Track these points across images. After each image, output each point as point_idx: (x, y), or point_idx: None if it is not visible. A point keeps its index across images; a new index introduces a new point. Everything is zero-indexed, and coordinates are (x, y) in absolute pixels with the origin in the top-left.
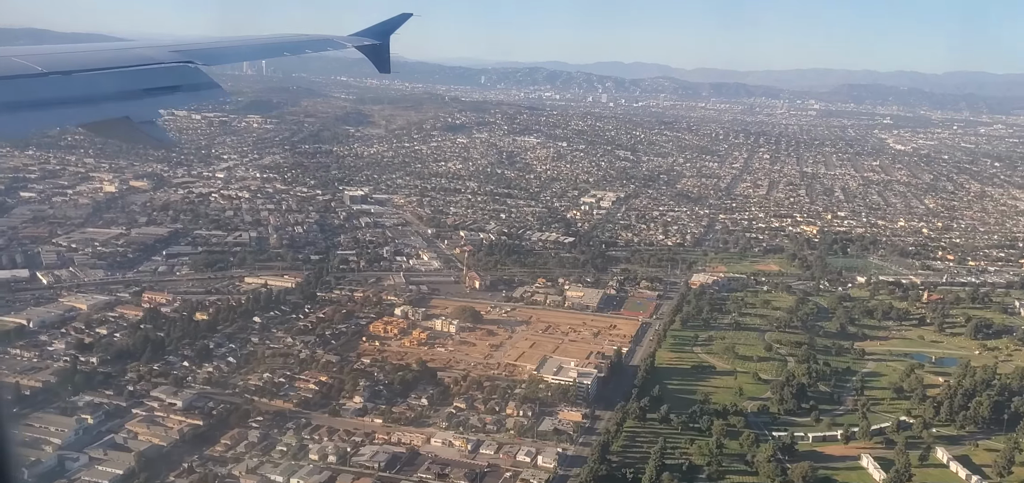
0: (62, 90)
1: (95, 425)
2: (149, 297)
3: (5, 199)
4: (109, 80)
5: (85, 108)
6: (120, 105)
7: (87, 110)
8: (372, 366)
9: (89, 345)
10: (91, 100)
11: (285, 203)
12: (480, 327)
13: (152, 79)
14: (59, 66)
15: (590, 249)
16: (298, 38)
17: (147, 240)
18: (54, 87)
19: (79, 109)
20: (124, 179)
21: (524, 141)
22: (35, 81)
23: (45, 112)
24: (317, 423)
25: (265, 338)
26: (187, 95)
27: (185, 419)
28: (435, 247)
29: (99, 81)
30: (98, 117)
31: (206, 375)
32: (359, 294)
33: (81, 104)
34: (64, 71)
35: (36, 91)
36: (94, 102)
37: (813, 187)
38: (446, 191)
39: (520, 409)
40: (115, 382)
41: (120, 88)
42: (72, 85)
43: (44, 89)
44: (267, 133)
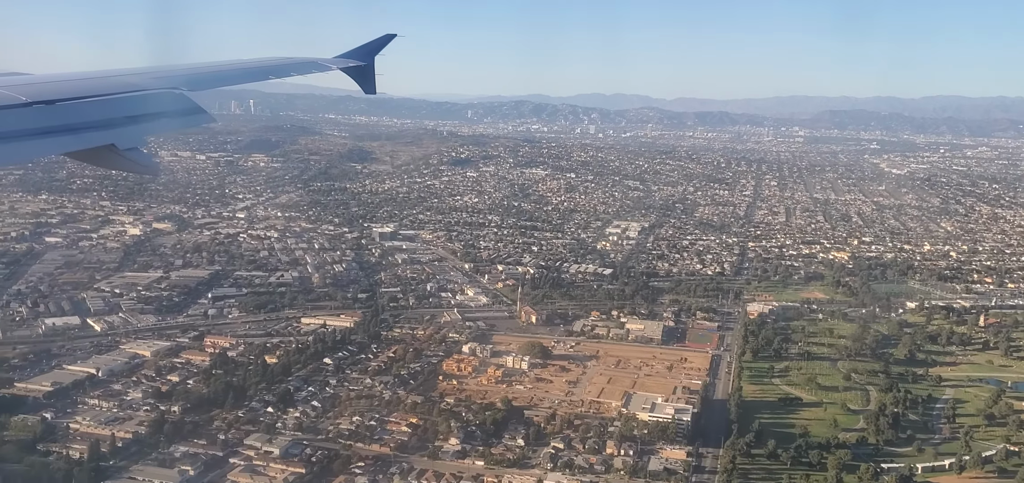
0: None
1: (196, 477)
2: (211, 341)
3: (32, 245)
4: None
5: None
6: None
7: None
8: (457, 406)
9: (167, 393)
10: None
11: (315, 242)
12: (551, 363)
13: (137, 106)
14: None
15: (632, 281)
16: (283, 61)
17: (189, 282)
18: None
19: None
20: (146, 221)
21: (532, 173)
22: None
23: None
24: (419, 467)
25: (342, 380)
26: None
27: (286, 467)
28: (476, 282)
29: (83, 109)
30: (83, 146)
31: (295, 421)
32: (420, 332)
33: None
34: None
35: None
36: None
37: (829, 213)
38: (470, 225)
39: (620, 448)
40: (204, 431)
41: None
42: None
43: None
44: (275, 172)
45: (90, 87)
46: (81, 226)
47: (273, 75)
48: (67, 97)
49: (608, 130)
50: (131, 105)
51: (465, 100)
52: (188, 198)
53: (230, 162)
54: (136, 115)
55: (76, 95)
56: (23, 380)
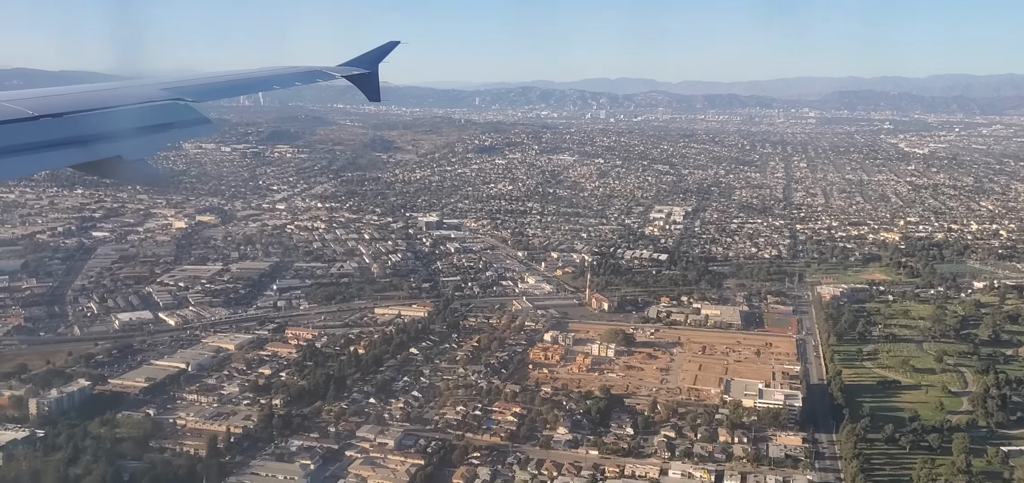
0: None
1: (317, 470)
2: (293, 333)
3: (81, 240)
4: (100, 120)
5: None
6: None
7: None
8: (556, 395)
9: (264, 387)
10: (82, 141)
11: (364, 232)
12: (636, 350)
13: (143, 117)
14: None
15: (692, 266)
16: (287, 71)
17: (250, 275)
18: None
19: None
20: (188, 214)
21: (559, 159)
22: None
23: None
24: (534, 457)
25: (434, 370)
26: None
27: (404, 459)
28: (534, 269)
29: (90, 121)
30: (90, 158)
31: (400, 411)
32: (495, 321)
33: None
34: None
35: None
36: (85, 143)
37: (866, 194)
38: (511, 213)
39: (733, 435)
40: (313, 424)
41: (111, 128)
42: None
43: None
44: (303, 163)
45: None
46: (125, 220)
47: (277, 85)
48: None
49: (619, 115)
50: (137, 117)
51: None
52: (223, 190)
53: (256, 154)
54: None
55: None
56: (115, 376)
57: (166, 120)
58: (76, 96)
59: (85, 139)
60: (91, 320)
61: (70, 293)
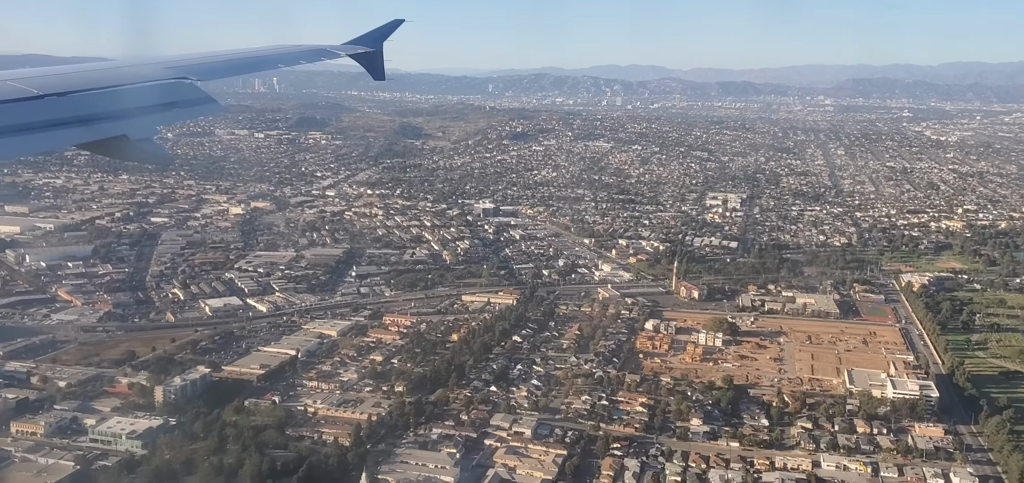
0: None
1: (462, 459)
2: (391, 320)
3: (141, 225)
4: (105, 99)
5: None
6: (117, 124)
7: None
8: (677, 385)
9: (383, 374)
10: (87, 120)
11: (423, 219)
12: (743, 340)
13: (148, 97)
14: (55, 88)
15: (767, 254)
16: (291, 50)
17: (325, 261)
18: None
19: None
20: (240, 200)
21: (596, 146)
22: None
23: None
24: (676, 449)
25: (544, 358)
26: (184, 111)
27: (546, 449)
28: (605, 257)
29: (95, 101)
30: (95, 137)
31: (525, 400)
32: (587, 309)
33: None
34: (60, 92)
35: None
36: (90, 122)
37: (913, 181)
38: (563, 200)
39: (871, 426)
40: (444, 412)
41: (116, 107)
42: (68, 106)
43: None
44: (339, 149)
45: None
46: (179, 206)
47: (282, 64)
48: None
49: (635, 102)
50: (142, 96)
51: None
52: (268, 176)
53: (290, 140)
54: (147, 105)
55: (87, 86)
56: (228, 363)
57: (171, 99)
58: (81, 75)
59: (90, 118)
60: (180, 306)
61: (149, 279)
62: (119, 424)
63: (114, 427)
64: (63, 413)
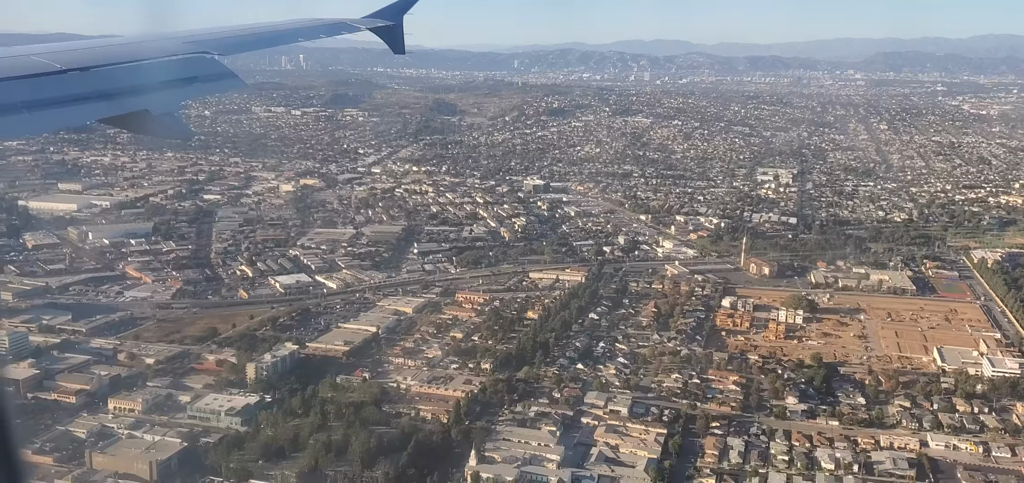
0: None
1: (563, 437)
2: (463, 297)
3: (195, 203)
4: (126, 74)
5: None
6: (139, 98)
7: (106, 105)
8: (768, 363)
9: (468, 351)
10: (109, 95)
11: (472, 195)
12: (823, 317)
13: (169, 71)
14: (77, 63)
15: (828, 230)
16: (311, 23)
17: (385, 238)
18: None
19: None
20: (289, 178)
21: (636, 122)
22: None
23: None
24: (774, 427)
25: (626, 336)
26: (205, 85)
27: (646, 427)
28: (665, 233)
29: (117, 75)
30: (117, 111)
31: (615, 378)
32: (658, 286)
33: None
34: (82, 67)
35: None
36: (113, 97)
37: (963, 156)
38: (612, 176)
39: (971, 404)
40: (535, 389)
41: (138, 82)
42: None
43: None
44: (377, 126)
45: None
46: (229, 183)
47: (302, 37)
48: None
49: (663, 77)
50: (164, 70)
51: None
52: (311, 153)
53: (327, 117)
54: (169, 80)
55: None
56: (311, 340)
57: (192, 73)
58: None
59: (112, 93)
60: (250, 283)
61: (214, 256)
62: (216, 401)
63: (212, 404)
64: (157, 390)
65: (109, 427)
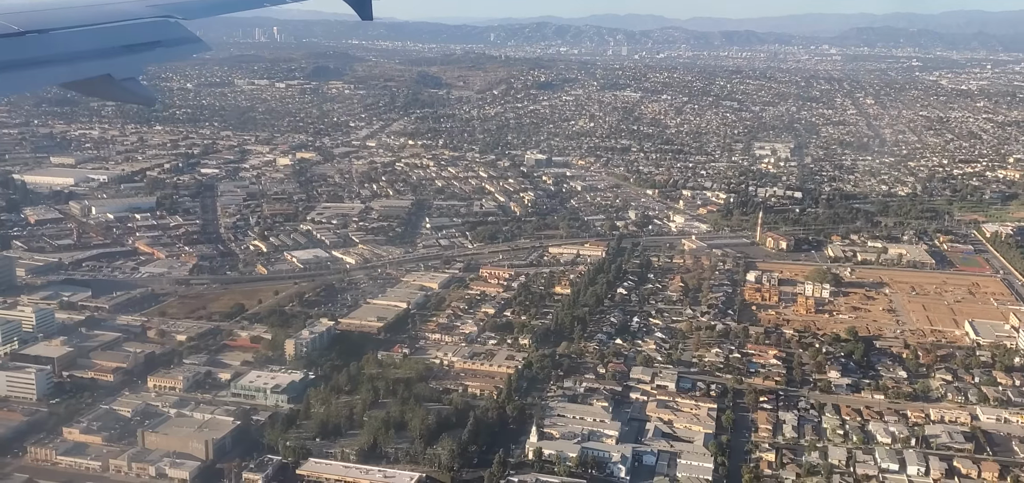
0: (40, 49)
1: (616, 412)
2: (488, 272)
3: (193, 176)
4: (88, 38)
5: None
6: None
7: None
8: (804, 337)
9: (504, 326)
10: (70, 59)
11: (474, 169)
12: (849, 291)
13: (132, 35)
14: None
15: (834, 204)
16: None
17: (394, 213)
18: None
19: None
20: (283, 151)
21: (624, 96)
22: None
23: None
24: (822, 401)
25: (659, 311)
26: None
27: (696, 402)
28: (673, 208)
29: (78, 39)
30: (78, 76)
31: (656, 353)
32: (678, 260)
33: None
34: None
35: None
36: (73, 61)
37: (953, 131)
38: (608, 150)
39: (1012, 377)
40: (578, 364)
41: (99, 45)
42: (50, 43)
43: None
44: (365, 99)
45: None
46: (224, 157)
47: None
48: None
49: (640, 51)
50: (126, 34)
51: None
52: (301, 126)
53: (313, 89)
54: (131, 44)
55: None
56: (343, 316)
57: (154, 37)
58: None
59: (73, 57)
60: (265, 259)
61: (223, 231)
62: (260, 378)
63: (256, 381)
64: (196, 367)
65: (153, 405)
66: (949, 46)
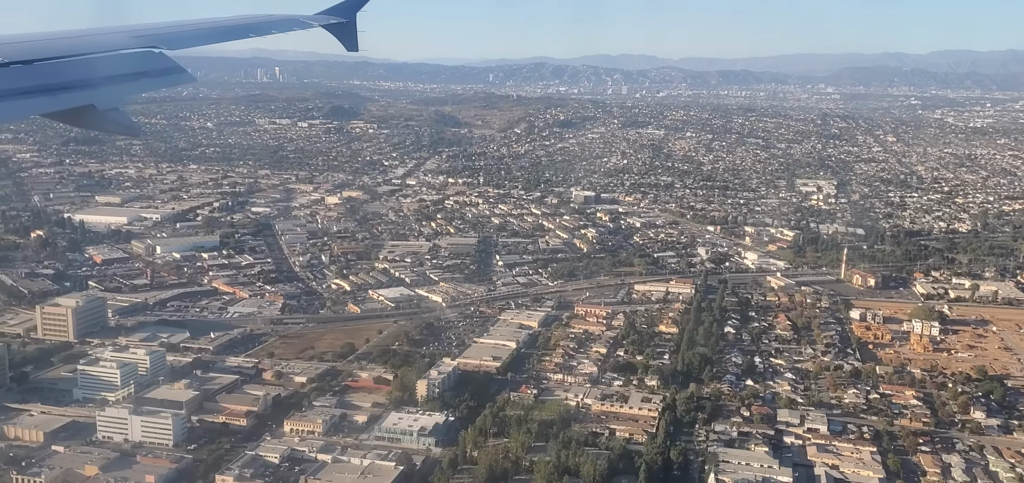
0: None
1: (787, 461)
2: (584, 310)
3: (246, 214)
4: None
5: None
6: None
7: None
8: (933, 376)
9: (625, 366)
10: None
11: (526, 206)
12: (956, 329)
13: (116, 66)
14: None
15: (899, 242)
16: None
17: (463, 250)
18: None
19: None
20: (328, 190)
21: (648, 134)
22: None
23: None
24: (976, 444)
25: (777, 350)
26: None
27: (857, 446)
28: (741, 244)
29: (62, 69)
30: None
31: (787, 394)
32: (773, 298)
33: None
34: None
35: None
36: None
37: (986, 167)
38: (653, 187)
39: None
40: (718, 408)
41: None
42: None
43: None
44: (391, 138)
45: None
46: (270, 195)
47: (253, 33)
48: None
49: (639, 90)
50: (110, 65)
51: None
52: (336, 165)
53: (337, 129)
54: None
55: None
56: (455, 356)
57: (139, 68)
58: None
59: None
60: (352, 297)
61: (298, 269)
62: (402, 421)
63: (399, 424)
64: (329, 410)
65: (298, 451)
66: (943, 85)
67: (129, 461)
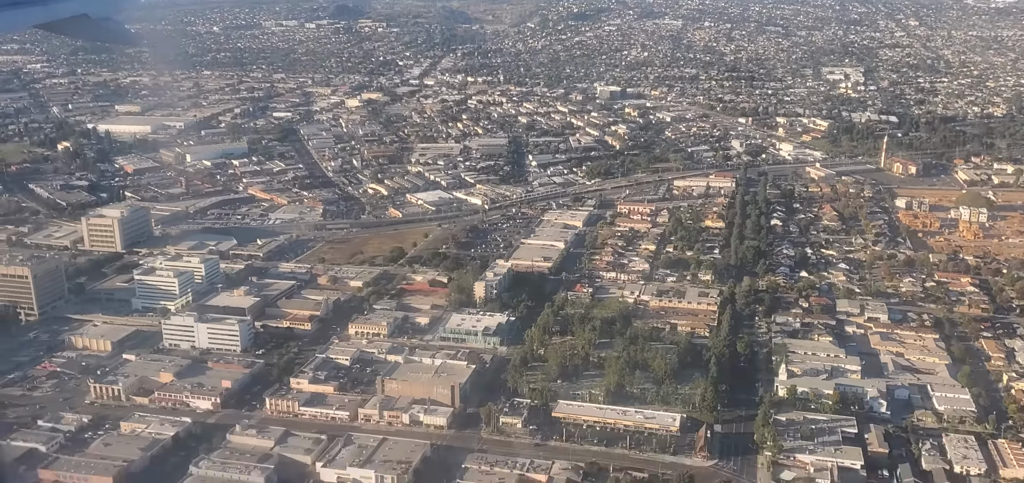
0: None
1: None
2: (626, 207)
3: (268, 120)
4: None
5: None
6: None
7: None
8: (986, 262)
9: (677, 261)
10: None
11: (552, 103)
12: (1003, 214)
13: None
14: None
15: (932, 127)
16: None
17: (493, 151)
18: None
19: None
20: (346, 92)
21: (666, 24)
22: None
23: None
24: None
25: (826, 242)
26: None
27: (919, 334)
28: (774, 135)
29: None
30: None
31: (843, 283)
32: (816, 189)
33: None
34: None
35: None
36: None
37: (1016, 49)
38: (678, 80)
39: None
40: (778, 300)
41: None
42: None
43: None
44: (401, 37)
45: None
46: (289, 100)
47: None
48: None
49: None
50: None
51: None
52: (350, 67)
53: (345, 29)
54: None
55: None
56: (503, 257)
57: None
58: None
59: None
60: (391, 202)
61: (332, 175)
62: (465, 321)
63: (463, 324)
64: (391, 313)
65: (367, 352)
66: None
67: (202, 367)
